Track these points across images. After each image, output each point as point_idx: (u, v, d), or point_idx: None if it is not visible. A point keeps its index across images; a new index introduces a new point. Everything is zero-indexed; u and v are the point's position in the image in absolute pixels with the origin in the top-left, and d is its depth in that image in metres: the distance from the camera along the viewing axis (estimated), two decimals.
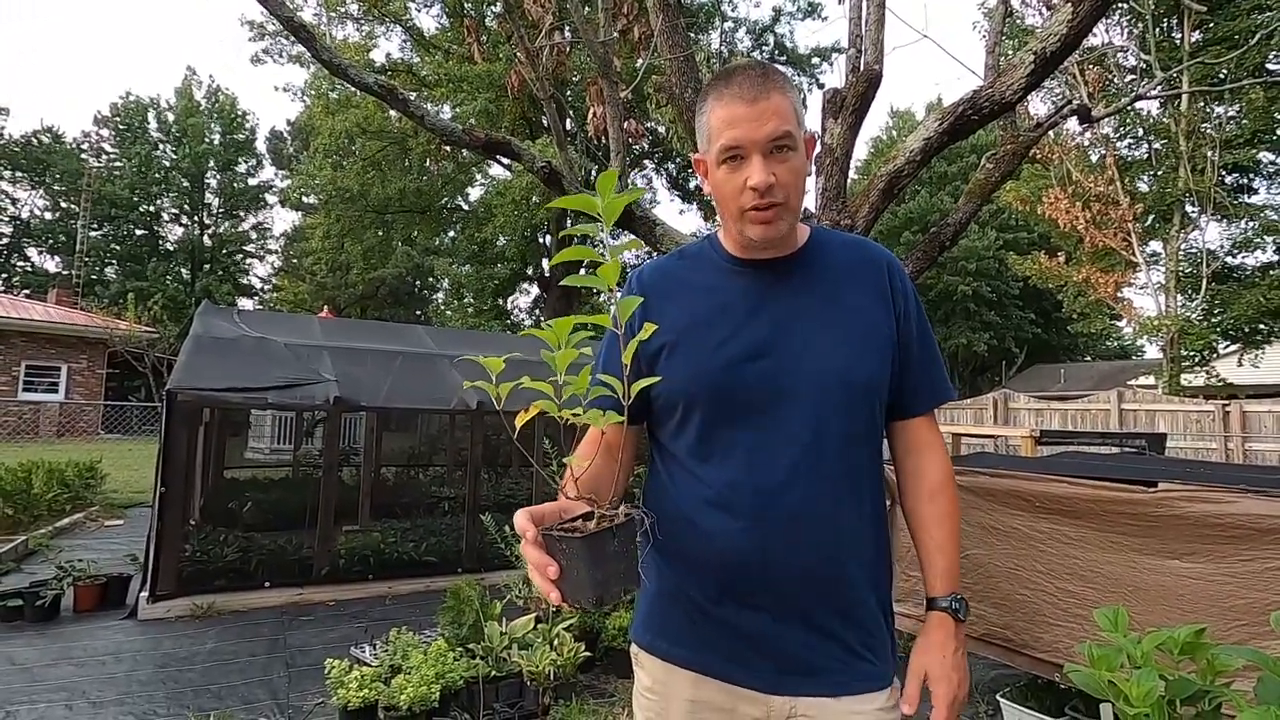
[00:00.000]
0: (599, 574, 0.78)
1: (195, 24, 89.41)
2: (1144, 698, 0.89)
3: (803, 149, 1.03)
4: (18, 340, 17.19)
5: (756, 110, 0.98)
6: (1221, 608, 2.01)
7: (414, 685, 2.71)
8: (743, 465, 1.02)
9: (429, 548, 5.22)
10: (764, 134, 0.98)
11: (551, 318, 0.94)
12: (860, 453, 1.05)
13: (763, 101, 0.98)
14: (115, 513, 7.66)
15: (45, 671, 3.41)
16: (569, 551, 0.79)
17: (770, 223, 1.02)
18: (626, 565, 0.80)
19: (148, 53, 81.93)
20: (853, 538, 1.03)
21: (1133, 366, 25.29)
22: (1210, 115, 14.85)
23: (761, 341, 1.04)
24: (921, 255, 3.85)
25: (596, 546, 0.79)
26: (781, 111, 0.99)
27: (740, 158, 1.00)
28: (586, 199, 0.78)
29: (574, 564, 0.79)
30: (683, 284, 1.14)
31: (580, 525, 0.84)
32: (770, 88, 0.99)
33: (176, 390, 4.36)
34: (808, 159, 1.06)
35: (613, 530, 0.80)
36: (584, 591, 0.79)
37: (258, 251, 37.62)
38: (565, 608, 0.85)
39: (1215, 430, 11.12)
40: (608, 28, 3.69)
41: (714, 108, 1.02)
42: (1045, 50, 2.84)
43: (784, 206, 1.02)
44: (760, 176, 0.98)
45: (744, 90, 0.99)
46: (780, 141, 0.99)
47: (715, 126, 1.02)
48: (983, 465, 2.81)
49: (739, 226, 1.05)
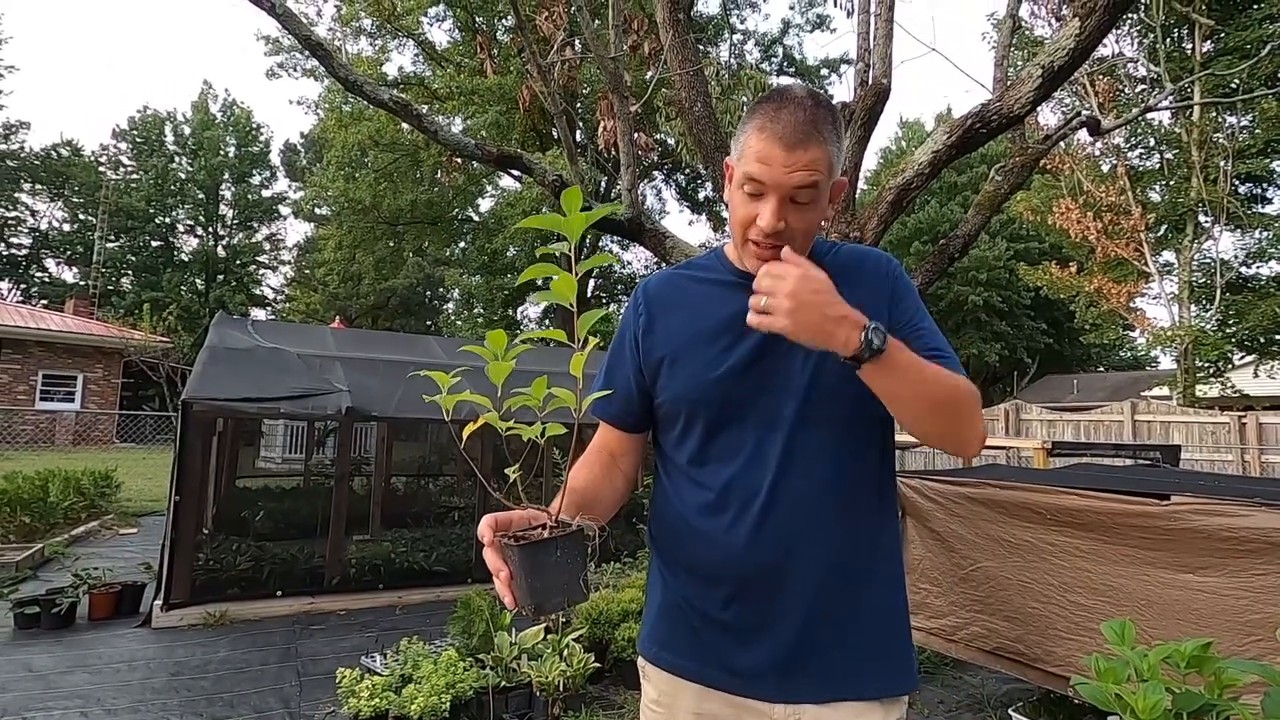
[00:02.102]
0: (537, 583, 0.80)
1: (212, 39, 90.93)
2: (1150, 710, 0.89)
3: (825, 197, 1.02)
4: (35, 350, 17.46)
5: (791, 158, 0.96)
6: (1236, 622, 2.00)
7: (424, 695, 2.73)
8: (741, 471, 1.03)
9: (439, 558, 5.25)
10: (790, 182, 0.97)
11: (560, 328, 0.97)
12: (863, 458, 1.05)
13: (799, 151, 0.96)
14: (129, 521, 7.73)
15: (61, 679, 3.44)
16: (513, 559, 0.81)
17: (767, 260, 1.02)
18: (569, 578, 0.81)
19: (165, 67, 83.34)
20: (857, 543, 1.03)
21: (1146, 377, 25.05)
22: (1223, 125, 14.78)
23: (762, 350, 1.05)
24: (931, 266, 3.86)
25: (535, 556, 0.81)
26: (815, 164, 0.97)
27: (760, 194, 1.00)
28: (555, 218, 0.79)
29: (518, 571, 0.81)
30: (688, 295, 1.15)
31: (537, 534, 0.85)
32: (811, 139, 0.97)
33: (192, 400, 4.41)
34: (834, 202, 1.06)
35: (555, 541, 0.81)
36: (525, 599, 0.81)
37: (271, 262, 38.05)
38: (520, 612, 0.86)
39: (1231, 442, 10.98)
40: (618, 43, 3.74)
41: (754, 134, 1.00)
42: (1054, 64, 2.85)
43: (787, 250, 1.02)
44: (769, 221, 0.98)
45: (786, 132, 0.97)
46: (803, 195, 0.98)
47: (748, 153, 1.00)
48: (994, 477, 2.80)
49: (740, 251, 1.08)
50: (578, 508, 1.00)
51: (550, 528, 0.85)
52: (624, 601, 3.60)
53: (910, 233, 27.04)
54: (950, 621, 2.80)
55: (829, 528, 1.02)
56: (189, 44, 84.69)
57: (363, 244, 24.90)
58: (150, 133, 34.91)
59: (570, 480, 1.08)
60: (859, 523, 1.04)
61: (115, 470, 8.37)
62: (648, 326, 1.15)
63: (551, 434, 0.89)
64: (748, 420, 1.04)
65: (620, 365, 1.17)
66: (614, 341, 1.21)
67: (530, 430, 0.89)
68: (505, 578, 0.83)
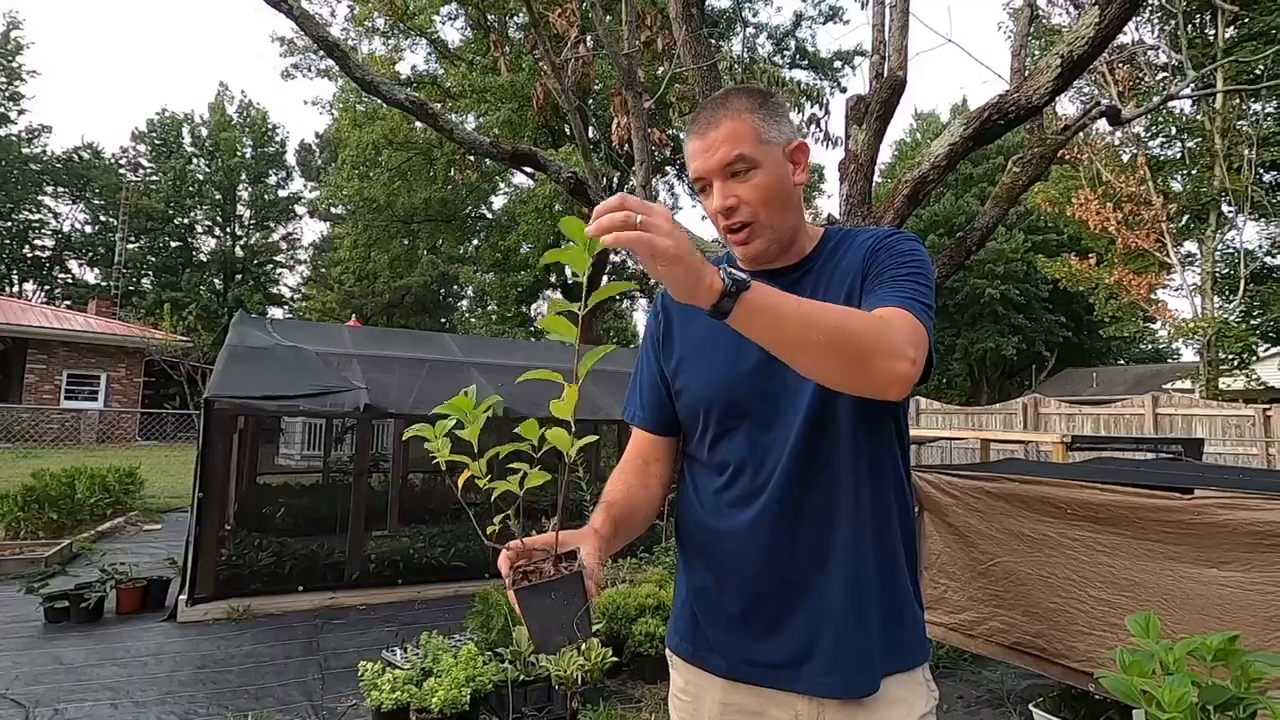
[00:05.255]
0: (535, 625, 0.83)
1: (228, 41, 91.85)
2: (1176, 703, 0.89)
3: (774, 163, 1.05)
4: (60, 350, 17.78)
5: (706, 142, 1.04)
6: (1262, 617, 1.97)
7: (445, 688, 2.76)
8: (757, 469, 1.05)
9: (457, 553, 5.29)
10: (715, 161, 1.03)
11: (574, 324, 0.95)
12: (877, 453, 1.06)
13: (711, 133, 1.04)
14: (154, 517, 7.88)
15: (91, 671, 3.52)
16: (519, 602, 0.84)
17: (746, 242, 1.07)
18: (566, 619, 0.83)
19: (182, 70, 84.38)
20: (870, 533, 1.04)
21: (1168, 370, 24.69)
22: (1247, 112, 14.49)
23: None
24: (948, 260, 3.83)
25: (531, 600, 0.83)
26: (734, 135, 1.02)
27: (706, 188, 1.06)
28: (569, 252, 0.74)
29: (521, 611, 0.84)
30: None
31: (543, 569, 0.86)
32: (720, 117, 1.04)
33: (215, 398, 4.48)
34: (799, 166, 1.09)
35: (550, 585, 0.83)
36: (532, 637, 0.84)
37: (287, 261, 38.47)
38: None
39: (1255, 435, 10.79)
40: (631, 39, 3.74)
41: (686, 144, 1.09)
42: (1072, 54, 2.82)
43: (755, 224, 1.05)
44: (719, 201, 1.04)
45: (698, 125, 1.06)
46: (733, 166, 1.03)
47: (688, 163, 1.09)
48: (1013, 471, 2.78)
49: (729, 247, 1.12)
50: (614, 521, 1.02)
51: (554, 561, 0.86)
52: (640, 597, 3.62)
53: (926, 225, 26.81)
54: (969, 616, 2.79)
55: (844, 523, 1.03)
56: (205, 46, 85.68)
57: (377, 242, 25.10)
58: (168, 134, 35.38)
59: (606, 494, 1.10)
60: (874, 517, 1.05)
61: (139, 468, 8.52)
62: (666, 331, 1.19)
63: (531, 483, 0.89)
64: (762, 418, 1.06)
65: (647, 370, 1.21)
66: (640, 348, 1.26)
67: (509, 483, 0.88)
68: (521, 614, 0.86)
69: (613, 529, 1.00)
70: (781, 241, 1.09)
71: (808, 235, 1.14)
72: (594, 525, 0.99)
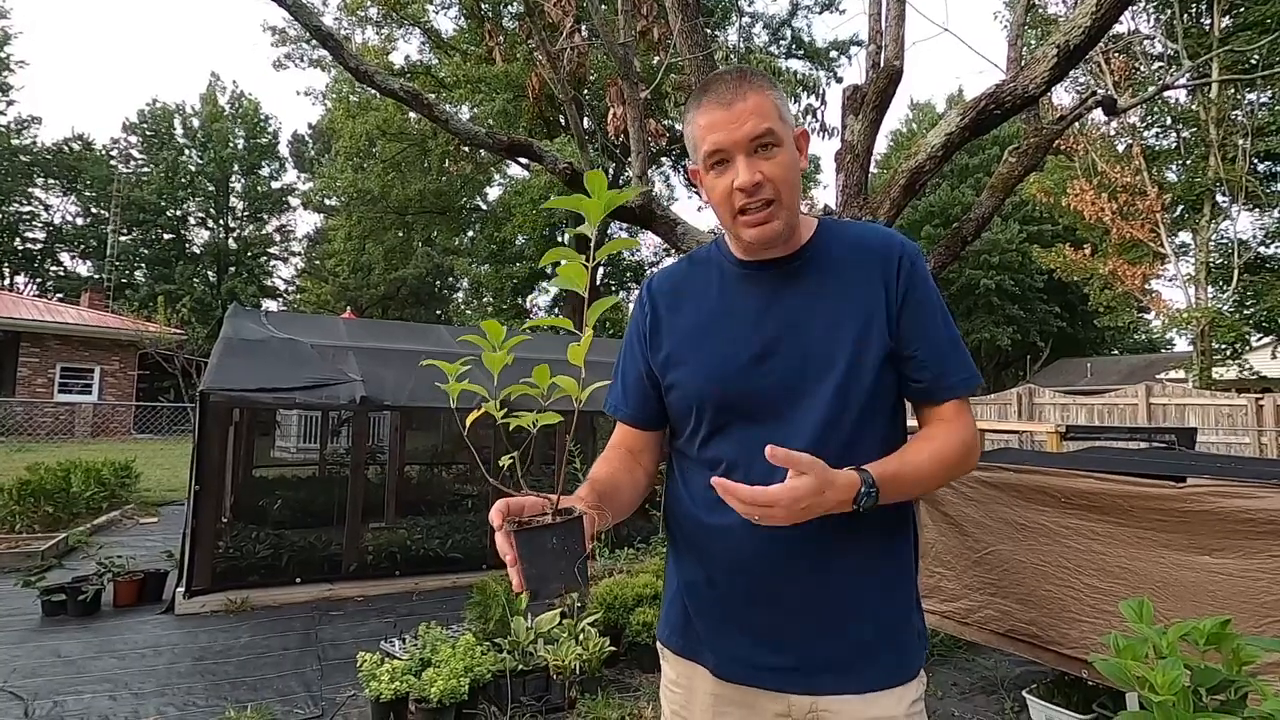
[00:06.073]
0: (533, 569, 0.82)
1: (219, 30, 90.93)
2: (1169, 686, 0.90)
3: (791, 145, 1.02)
4: (53, 343, 17.68)
5: (734, 113, 0.99)
6: (1254, 604, 1.99)
7: (444, 678, 2.77)
8: (748, 463, 1.02)
9: (454, 544, 5.30)
10: (744, 134, 0.98)
11: (569, 316, 0.97)
12: (872, 449, 1.03)
13: (739, 103, 0.99)
14: (150, 510, 7.87)
15: (89, 664, 3.53)
16: (516, 544, 0.83)
17: (765, 222, 1.01)
18: (565, 564, 0.83)
19: (173, 60, 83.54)
20: (867, 531, 1.02)
21: (1162, 360, 24.80)
22: (1241, 102, 14.50)
23: (769, 342, 1.05)
24: (944, 250, 3.83)
25: (532, 542, 0.83)
26: (761, 109, 0.99)
27: (725, 161, 1.01)
28: (578, 199, 0.79)
29: (519, 556, 0.83)
30: (691, 291, 1.15)
31: (542, 520, 0.86)
32: (746, 89, 1.00)
33: (210, 391, 4.47)
34: (801, 154, 1.06)
35: (552, 528, 0.83)
36: (527, 583, 0.83)
37: (281, 254, 38.23)
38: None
39: (1248, 424, 10.87)
40: (627, 29, 3.71)
41: (696, 117, 1.03)
42: (1069, 43, 2.81)
43: (777, 203, 1.00)
44: (745, 176, 0.99)
45: (721, 95, 1.00)
46: (762, 139, 0.99)
47: (699, 135, 1.03)
48: (1007, 461, 2.80)
49: (735, 231, 1.05)
50: (598, 495, 1.01)
51: (552, 515, 0.86)
52: (638, 586, 3.64)
53: (922, 216, 26.79)
54: (964, 604, 2.81)
55: (837, 519, 1.00)
56: (195, 36, 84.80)
57: (372, 234, 25.01)
58: (160, 126, 35.03)
59: (591, 473, 1.09)
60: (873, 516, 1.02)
61: (134, 461, 8.50)
62: (654, 324, 1.15)
63: (545, 422, 0.89)
64: (753, 413, 1.04)
65: (631, 364, 1.18)
66: (624, 340, 1.22)
67: (524, 419, 0.89)
68: (512, 560, 0.85)
69: (597, 502, 0.98)
70: (792, 225, 1.06)
71: (804, 224, 1.12)
72: (579, 496, 0.98)
